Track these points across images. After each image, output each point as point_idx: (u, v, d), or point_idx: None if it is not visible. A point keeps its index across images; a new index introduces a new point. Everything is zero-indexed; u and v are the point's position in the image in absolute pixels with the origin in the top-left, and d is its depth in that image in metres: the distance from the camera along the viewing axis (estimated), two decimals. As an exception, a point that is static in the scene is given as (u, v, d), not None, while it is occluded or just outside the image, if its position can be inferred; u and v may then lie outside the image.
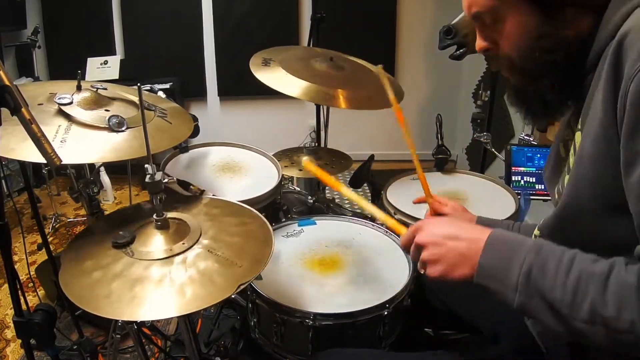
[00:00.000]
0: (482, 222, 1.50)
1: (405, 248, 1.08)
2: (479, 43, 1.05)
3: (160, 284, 1.08)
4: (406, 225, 1.12)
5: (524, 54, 0.97)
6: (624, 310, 0.78)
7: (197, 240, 1.23)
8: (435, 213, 1.53)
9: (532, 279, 0.87)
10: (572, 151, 0.99)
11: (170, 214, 1.30)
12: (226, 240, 1.24)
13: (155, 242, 1.21)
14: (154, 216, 1.23)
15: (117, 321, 1.62)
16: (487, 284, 0.92)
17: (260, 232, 1.30)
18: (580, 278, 0.83)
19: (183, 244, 1.20)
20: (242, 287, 1.08)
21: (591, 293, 0.81)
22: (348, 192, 1.24)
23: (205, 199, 1.46)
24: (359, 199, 1.23)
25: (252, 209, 1.41)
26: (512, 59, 1.00)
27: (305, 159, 1.47)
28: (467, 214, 1.47)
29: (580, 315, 0.81)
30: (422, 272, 1.02)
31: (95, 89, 1.45)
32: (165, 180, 1.25)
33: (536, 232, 1.16)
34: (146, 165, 1.19)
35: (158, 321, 2.44)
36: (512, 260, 0.90)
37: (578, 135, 0.96)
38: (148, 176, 1.19)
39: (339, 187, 1.25)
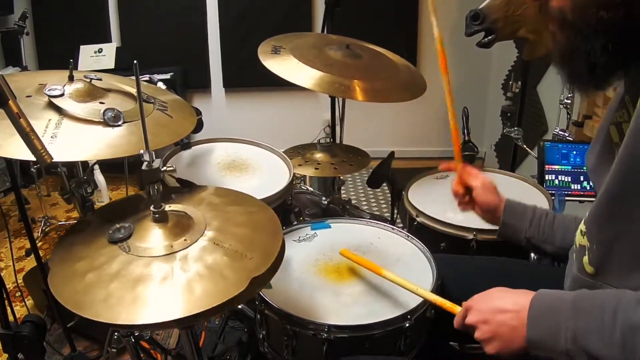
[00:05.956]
0: (511, 206, 1.51)
1: (462, 330, 1.15)
2: None
3: (164, 282, 1.07)
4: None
5: (577, 7, 0.92)
6: None
7: (201, 233, 1.21)
8: (463, 185, 1.54)
9: (579, 344, 0.91)
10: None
11: (168, 206, 1.28)
12: (233, 231, 1.23)
13: (153, 238, 1.19)
14: (152, 208, 1.21)
15: (112, 334, 1.63)
16: (542, 354, 0.98)
17: (268, 222, 1.29)
18: (624, 333, 0.86)
19: (185, 240, 1.19)
20: (255, 282, 1.06)
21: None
22: (390, 275, 1.38)
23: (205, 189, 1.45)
24: (405, 282, 1.34)
25: (255, 197, 1.41)
26: (565, 12, 0.95)
27: (342, 250, 1.53)
28: (495, 195, 1.51)
29: None
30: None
31: (88, 80, 1.46)
32: (164, 168, 1.24)
33: (582, 227, 1.14)
34: (141, 151, 1.18)
35: (158, 334, 2.45)
36: (556, 329, 0.95)
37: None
38: (145, 163, 1.17)
39: (380, 271, 1.40)
